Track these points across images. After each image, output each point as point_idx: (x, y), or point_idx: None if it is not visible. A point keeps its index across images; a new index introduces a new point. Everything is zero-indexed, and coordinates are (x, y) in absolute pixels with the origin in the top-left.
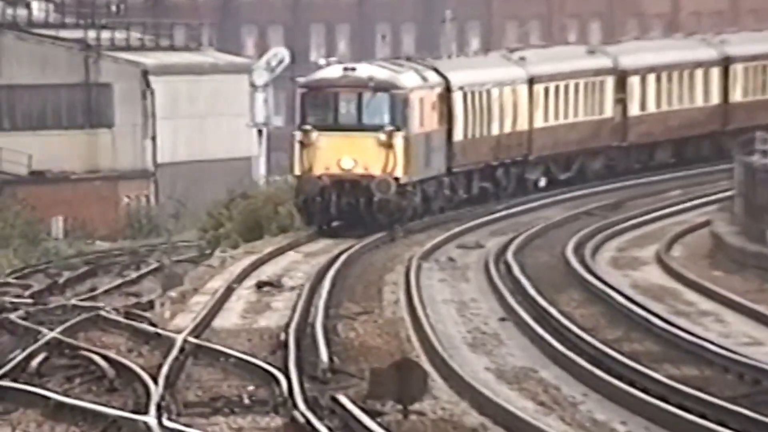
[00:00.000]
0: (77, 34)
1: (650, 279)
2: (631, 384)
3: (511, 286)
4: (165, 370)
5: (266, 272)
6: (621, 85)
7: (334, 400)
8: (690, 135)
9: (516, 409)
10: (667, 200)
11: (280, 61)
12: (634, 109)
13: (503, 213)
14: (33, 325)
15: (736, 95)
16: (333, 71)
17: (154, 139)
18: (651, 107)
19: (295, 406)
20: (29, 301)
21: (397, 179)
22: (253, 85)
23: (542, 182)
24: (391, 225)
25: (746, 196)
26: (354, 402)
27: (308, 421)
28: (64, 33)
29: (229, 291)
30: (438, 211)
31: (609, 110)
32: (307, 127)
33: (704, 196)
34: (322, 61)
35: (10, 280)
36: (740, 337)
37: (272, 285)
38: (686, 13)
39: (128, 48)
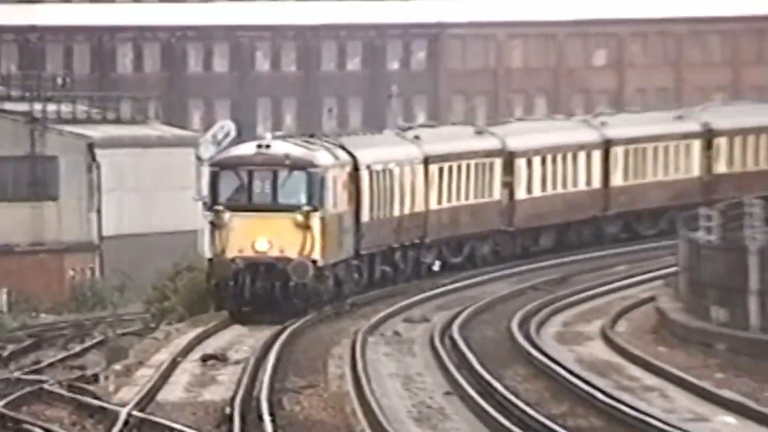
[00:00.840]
0: (23, 106)
1: (595, 354)
2: None
3: (457, 360)
4: None
5: (211, 345)
6: (509, 168)
7: None
8: (572, 220)
9: None
10: (612, 275)
11: (227, 135)
12: (520, 193)
13: (450, 287)
14: None
15: (617, 179)
16: (246, 148)
17: (99, 212)
18: (536, 191)
19: None
20: None
21: (314, 262)
22: (199, 159)
23: (436, 267)
24: (307, 310)
25: (690, 273)
26: None
27: None
28: (9, 105)
29: (174, 364)
30: (346, 296)
31: (497, 193)
32: (219, 207)
33: (650, 272)
34: (267, 134)
35: None
36: (684, 412)
37: (217, 358)
38: (631, 89)
39: (74, 121)
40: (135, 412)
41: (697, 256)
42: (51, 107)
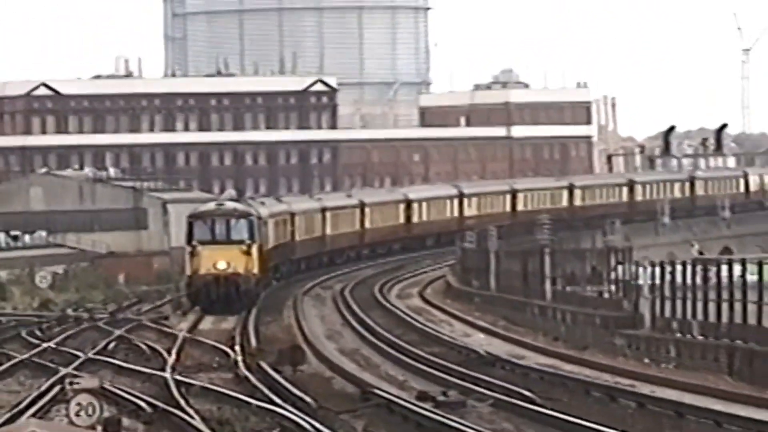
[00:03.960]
0: (130, 183)
1: (416, 304)
2: (406, 356)
3: (347, 308)
4: (174, 350)
5: None
6: (292, 221)
7: (258, 365)
8: (312, 254)
9: (349, 369)
10: (425, 265)
11: (232, 197)
12: (297, 237)
13: (345, 270)
14: (109, 328)
15: (328, 230)
16: (209, 206)
17: (169, 235)
18: (303, 236)
19: (238, 367)
20: (107, 316)
21: (254, 275)
22: None
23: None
24: (251, 307)
25: (462, 263)
26: (269, 365)
27: (245, 376)
28: (125, 183)
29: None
30: (262, 289)
31: (289, 236)
32: (195, 243)
33: (443, 262)
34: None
35: (98, 306)
36: (459, 332)
37: None
38: (432, 173)
39: (156, 190)
40: (187, 335)
41: (465, 254)
42: (145, 184)
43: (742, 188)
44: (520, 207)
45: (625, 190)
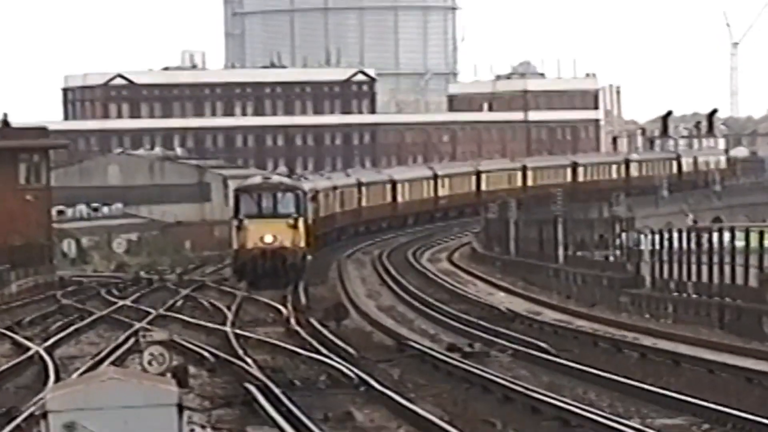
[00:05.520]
0: (196, 162)
1: (445, 267)
2: (438, 312)
3: (384, 270)
4: (234, 307)
5: None
6: (316, 199)
7: (308, 320)
8: (338, 226)
9: (386, 324)
10: (452, 233)
11: (285, 173)
12: (320, 213)
13: (382, 237)
14: (178, 288)
15: (338, 209)
16: (256, 179)
17: (228, 206)
18: (324, 212)
19: (289, 323)
20: (175, 277)
21: (300, 249)
22: None
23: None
24: (297, 280)
25: (486, 231)
26: (317, 321)
27: (296, 330)
28: (190, 161)
29: None
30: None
31: (315, 212)
32: (241, 217)
33: (469, 231)
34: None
35: (167, 268)
36: (483, 292)
37: None
38: (460, 152)
39: (217, 167)
40: (245, 294)
41: (488, 223)
42: (208, 162)
43: (675, 169)
44: (483, 187)
45: (569, 171)
